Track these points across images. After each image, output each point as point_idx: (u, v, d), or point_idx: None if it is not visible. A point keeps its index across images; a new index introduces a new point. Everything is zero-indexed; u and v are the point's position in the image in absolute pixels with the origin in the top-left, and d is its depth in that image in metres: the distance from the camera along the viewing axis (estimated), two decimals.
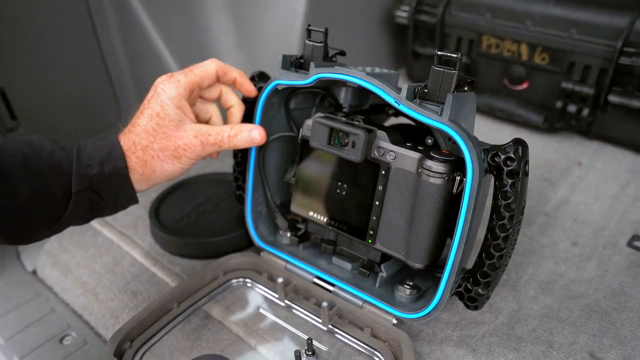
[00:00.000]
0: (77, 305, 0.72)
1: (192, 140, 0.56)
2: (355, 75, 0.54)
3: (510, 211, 0.50)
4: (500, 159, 0.50)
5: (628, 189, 0.86)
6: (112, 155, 0.55)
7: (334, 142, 0.58)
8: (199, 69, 0.59)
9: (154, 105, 0.56)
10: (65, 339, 0.67)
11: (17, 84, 0.83)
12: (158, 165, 0.56)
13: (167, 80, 0.57)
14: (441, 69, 0.50)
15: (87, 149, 0.55)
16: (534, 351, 0.58)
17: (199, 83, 0.59)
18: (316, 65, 0.57)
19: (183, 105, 0.57)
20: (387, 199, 0.57)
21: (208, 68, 0.59)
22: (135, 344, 0.58)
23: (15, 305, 0.72)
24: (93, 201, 0.55)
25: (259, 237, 0.70)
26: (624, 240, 0.75)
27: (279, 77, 0.60)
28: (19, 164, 0.51)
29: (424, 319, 0.56)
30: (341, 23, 1.14)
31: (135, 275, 0.73)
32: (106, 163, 0.54)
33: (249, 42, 1.09)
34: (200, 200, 0.81)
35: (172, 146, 0.56)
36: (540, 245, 0.75)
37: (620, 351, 0.58)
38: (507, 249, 0.52)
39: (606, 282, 0.68)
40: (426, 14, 1.11)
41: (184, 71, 0.58)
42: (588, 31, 0.90)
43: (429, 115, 0.50)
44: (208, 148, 0.57)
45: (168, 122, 0.56)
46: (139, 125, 0.56)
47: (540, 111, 1.01)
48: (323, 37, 0.59)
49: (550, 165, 0.93)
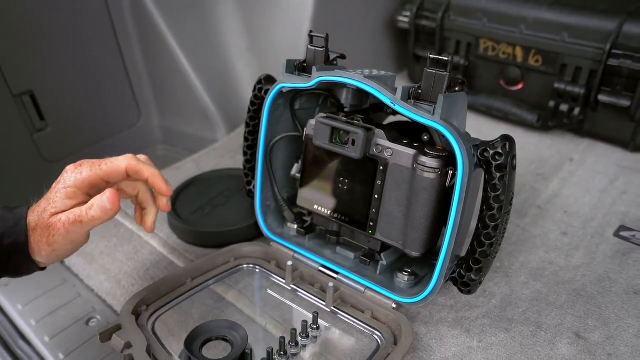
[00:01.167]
0: (101, 290, 0.74)
1: (58, 224, 0.52)
2: (354, 77, 0.56)
3: (499, 202, 0.53)
4: (489, 154, 0.52)
5: (616, 183, 0.87)
6: (15, 229, 0.52)
7: (335, 141, 0.60)
8: (108, 165, 0.55)
9: (52, 191, 0.54)
10: (90, 321, 0.70)
11: (45, 87, 0.87)
12: (37, 249, 0.53)
13: (72, 169, 0.55)
14: (433, 71, 0.52)
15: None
16: (524, 331, 0.61)
17: (103, 178, 0.55)
18: (318, 69, 0.59)
19: (77, 195, 0.54)
20: (385, 193, 0.59)
21: (117, 165, 0.55)
22: (150, 309, 0.61)
23: (45, 290, 0.75)
24: None
25: (268, 229, 0.72)
26: (611, 230, 0.77)
27: (283, 80, 0.62)
28: None
29: (421, 303, 0.58)
30: (346, 28, 1.16)
31: (154, 262, 0.75)
32: (6, 237, 0.52)
33: (259, 46, 1.11)
34: (214, 194, 0.83)
35: (47, 232, 0.52)
36: (532, 235, 0.77)
37: (604, 331, 0.60)
38: (496, 237, 0.55)
39: (593, 269, 0.70)
40: (426, 18, 1.13)
41: (93, 164, 0.55)
42: (579, 34, 0.91)
43: (422, 114, 0.52)
44: (72, 229, 0.52)
45: (51, 208, 0.53)
46: (39, 205, 0.54)
47: (535, 110, 1.03)
48: (324, 43, 0.61)
49: (544, 161, 0.95)
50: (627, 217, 0.79)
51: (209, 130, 1.10)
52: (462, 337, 0.60)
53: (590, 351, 0.58)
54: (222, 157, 1.01)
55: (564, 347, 0.58)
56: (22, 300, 0.73)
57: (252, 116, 0.72)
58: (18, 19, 0.81)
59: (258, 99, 0.70)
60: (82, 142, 1.00)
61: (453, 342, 0.60)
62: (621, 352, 0.57)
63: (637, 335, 0.59)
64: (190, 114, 1.12)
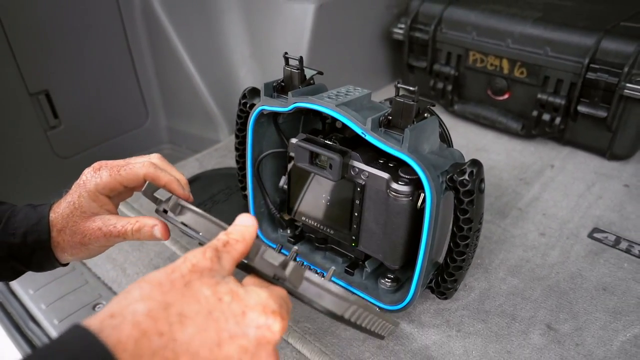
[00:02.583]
0: (107, 278, 0.76)
1: (97, 231, 0.52)
2: (327, 106, 0.55)
3: (468, 223, 0.54)
4: (457, 180, 0.53)
5: (593, 188, 0.90)
6: (37, 227, 0.53)
7: (314, 163, 0.60)
8: (127, 171, 0.54)
9: (74, 194, 0.54)
10: (97, 307, 0.71)
11: (59, 86, 0.89)
12: (67, 248, 0.54)
13: (91, 172, 0.54)
14: (402, 101, 0.53)
15: (17, 217, 0.53)
16: (499, 322, 0.63)
17: (122, 183, 0.54)
18: (293, 94, 0.59)
19: (100, 199, 0.54)
20: (364, 211, 0.60)
21: (135, 173, 0.54)
22: None
23: (55, 277, 0.76)
24: (14, 268, 0.54)
25: (263, 234, 0.74)
26: (586, 232, 0.79)
27: (263, 103, 0.62)
28: None
29: (402, 310, 0.61)
30: (344, 38, 1.19)
31: (158, 252, 0.78)
32: (29, 234, 0.52)
33: (261, 53, 1.13)
34: (215, 191, 0.86)
35: (80, 233, 0.53)
36: (512, 235, 0.79)
37: (573, 323, 0.63)
38: (467, 253, 0.57)
39: (566, 267, 0.72)
40: (420, 31, 1.15)
41: (112, 168, 0.54)
42: (560, 49, 0.94)
43: (391, 145, 0.52)
44: (112, 239, 0.53)
45: (80, 213, 0.53)
46: (60, 206, 0.54)
47: (519, 119, 1.05)
48: (299, 65, 0.62)
49: (526, 167, 0.98)
50: (601, 220, 0.82)
51: (212, 131, 1.12)
52: (442, 327, 0.63)
53: (559, 341, 0.60)
54: (224, 156, 1.04)
55: (535, 337, 0.61)
56: (33, 286, 0.75)
57: (239, 128, 0.71)
58: (36, 23, 0.84)
59: (244, 113, 0.69)
60: (92, 140, 1.02)
61: (433, 331, 0.62)
62: (588, 343, 0.60)
63: (603, 327, 0.62)
64: (195, 116, 1.14)
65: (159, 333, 0.30)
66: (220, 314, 0.33)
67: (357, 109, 0.56)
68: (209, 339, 0.31)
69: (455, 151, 0.60)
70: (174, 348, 0.30)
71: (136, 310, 0.30)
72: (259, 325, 0.33)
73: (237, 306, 0.33)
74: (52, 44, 0.87)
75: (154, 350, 0.29)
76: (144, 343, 0.29)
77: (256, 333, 0.33)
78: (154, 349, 0.29)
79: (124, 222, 0.53)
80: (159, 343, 0.30)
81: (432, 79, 1.16)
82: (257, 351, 0.33)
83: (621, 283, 0.69)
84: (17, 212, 0.53)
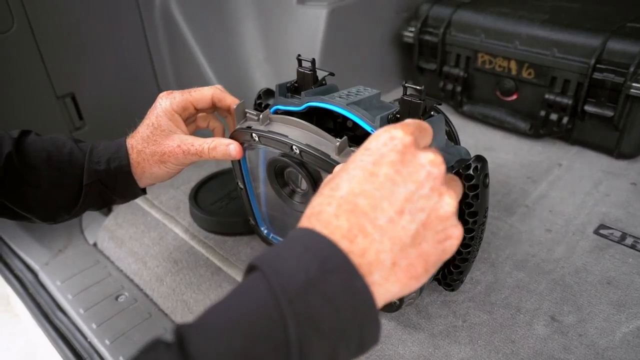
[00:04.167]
0: (129, 271, 0.79)
1: (176, 149, 0.58)
2: (337, 105, 0.57)
3: (473, 216, 0.55)
4: (462, 175, 0.54)
5: (600, 186, 0.91)
6: (118, 154, 0.58)
7: None
8: (197, 92, 0.61)
9: (151, 117, 0.59)
10: (119, 297, 0.74)
11: (85, 89, 0.92)
12: (147, 167, 0.59)
13: (165, 96, 0.60)
14: (409, 99, 0.54)
15: (99, 148, 0.59)
16: (504, 314, 0.65)
17: (193, 103, 0.61)
18: (306, 94, 0.61)
19: (175, 118, 0.59)
20: None
21: (205, 93, 0.61)
22: None
23: (80, 270, 0.80)
24: (102, 192, 0.59)
25: (270, 234, 0.75)
26: (592, 228, 0.80)
27: (277, 103, 0.64)
28: (43, 159, 0.56)
29: (412, 301, 0.62)
30: (356, 41, 1.21)
31: (177, 247, 0.80)
32: (112, 161, 0.58)
33: (275, 57, 1.16)
34: (231, 188, 0.88)
35: (159, 152, 0.58)
36: (519, 231, 0.81)
37: (577, 315, 0.64)
38: (472, 246, 0.58)
39: (572, 262, 0.73)
40: (429, 34, 1.17)
41: (183, 91, 0.61)
42: (567, 50, 0.95)
43: None
44: (189, 157, 0.58)
45: (160, 131, 0.58)
46: (138, 132, 0.59)
47: (527, 119, 1.06)
48: (311, 66, 0.64)
49: (534, 165, 0.99)
50: (607, 217, 0.82)
51: (228, 132, 1.15)
52: (448, 318, 0.64)
53: (563, 332, 0.61)
54: None
55: (539, 328, 0.62)
56: (61, 278, 0.78)
57: None
58: (63, 29, 0.87)
59: None
60: None
61: (440, 321, 0.64)
62: (590, 334, 0.61)
63: (606, 319, 0.63)
64: None
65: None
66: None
67: (367, 108, 0.58)
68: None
69: (462, 148, 0.62)
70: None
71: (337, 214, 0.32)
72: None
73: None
74: (78, 49, 0.90)
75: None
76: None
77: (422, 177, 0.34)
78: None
79: (201, 141, 0.58)
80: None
81: (441, 80, 1.18)
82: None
83: (625, 277, 0.70)
84: (97, 144, 0.59)
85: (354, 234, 0.31)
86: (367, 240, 0.31)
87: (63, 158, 0.57)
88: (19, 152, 0.56)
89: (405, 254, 0.31)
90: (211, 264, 0.76)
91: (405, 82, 0.56)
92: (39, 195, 0.57)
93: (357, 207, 0.32)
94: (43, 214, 0.59)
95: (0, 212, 0.58)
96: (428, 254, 0.32)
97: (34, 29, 0.83)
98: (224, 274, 0.74)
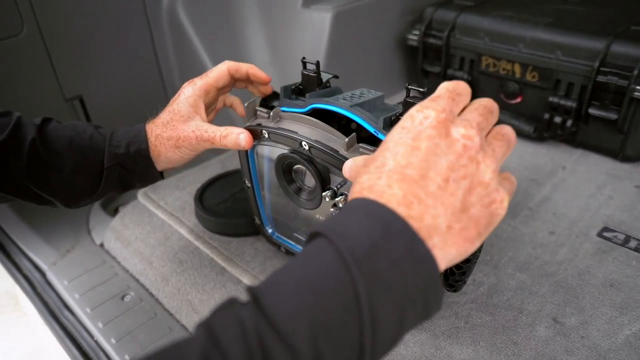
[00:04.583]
0: (135, 271, 0.79)
1: (190, 134, 0.60)
2: (341, 106, 0.57)
3: None
4: None
5: (604, 189, 0.91)
6: (137, 138, 0.60)
7: None
8: (213, 72, 0.63)
9: (174, 103, 0.62)
10: (125, 297, 0.75)
11: (92, 92, 0.94)
12: (163, 151, 0.61)
13: (187, 84, 0.63)
14: (412, 101, 0.54)
15: (118, 133, 0.61)
16: (507, 315, 0.65)
17: (213, 85, 0.63)
18: (310, 96, 0.61)
19: (197, 104, 0.61)
20: None
21: (220, 69, 0.64)
22: None
23: (87, 270, 0.81)
24: (122, 175, 0.61)
25: (274, 233, 0.75)
26: (595, 231, 0.80)
27: (282, 105, 0.65)
28: (66, 144, 0.58)
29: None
30: (360, 44, 1.21)
31: (182, 247, 0.81)
32: (131, 144, 0.60)
33: (281, 60, 1.16)
34: (236, 189, 0.89)
35: (175, 137, 0.60)
36: (522, 234, 0.81)
37: (579, 318, 0.64)
38: None
39: (575, 264, 0.73)
40: (433, 37, 1.17)
41: (202, 76, 0.63)
42: (571, 53, 0.95)
43: None
44: (202, 143, 0.60)
45: (179, 117, 0.60)
46: (160, 118, 0.62)
47: (531, 122, 1.06)
48: (316, 69, 0.64)
49: (538, 168, 0.99)
50: (611, 219, 0.82)
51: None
52: (450, 319, 0.64)
53: (565, 334, 0.61)
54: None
55: (541, 330, 0.62)
56: (68, 277, 0.79)
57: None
58: (72, 33, 0.89)
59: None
60: None
61: (442, 322, 0.64)
62: (593, 335, 0.61)
63: (608, 321, 0.63)
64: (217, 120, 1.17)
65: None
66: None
67: (371, 110, 0.58)
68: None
69: None
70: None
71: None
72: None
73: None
74: (86, 52, 0.91)
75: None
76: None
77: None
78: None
79: (215, 128, 0.60)
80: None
81: None
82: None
83: (629, 280, 0.69)
84: (117, 129, 0.61)
85: (409, 201, 0.32)
86: (422, 206, 0.32)
87: (84, 143, 0.59)
88: (42, 138, 0.58)
89: (457, 217, 0.33)
90: (216, 265, 0.77)
91: (408, 84, 0.56)
92: (63, 179, 0.59)
93: (407, 176, 0.33)
94: (66, 198, 0.61)
95: (26, 197, 0.60)
96: (478, 217, 0.34)
97: (44, 33, 0.84)
98: (228, 274, 0.75)
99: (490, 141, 0.37)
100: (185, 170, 1.00)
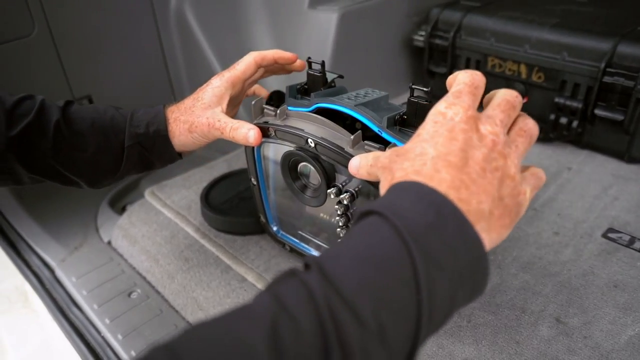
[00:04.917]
0: (142, 268, 0.80)
1: (204, 120, 0.60)
2: (345, 106, 0.58)
3: None
4: None
5: (610, 190, 0.90)
6: (156, 119, 0.61)
7: None
8: (240, 64, 0.65)
9: (200, 92, 0.63)
10: (132, 294, 0.76)
11: (101, 92, 0.95)
12: (177, 134, 0.62)
13: (215, 77, 0.64)
14: (416, 101, 0.54)
15: (139, 114, 0.62)
16: (509, 315, 0.65)
17: (240, 76, 0.64)
18: (315, 95, 0.62)
19: (222, 95, 0.62)
20: None
21: (247, 60, 0.65)
22: None
23: (95, 267, 0.82)
24: (142, 155, 0.62)
25: (279, 231, 0.76)
26: (600, 232, 0.80)
27: (288, 104, 0.65)
28: (88, 125, 0.60)
29: None
30: (366, 44, 1.22)
31: (188, 245, 0.82)
32: (151, 125, 0.61)
33: None
34: (242, 188, 0.89)
35: (190, 122, 0.61)
36: (526, 234, 0.80)
37: (582, 318, 0.64)
38: None
39: (579, 265, 0.73)
40: (439, 38, 1.17)
41: (229, 68, 0.65)
42: (577, 54, 0.95)
43: (407, 142, 0.54)
44: (212, 131, 0.61)
45: (200, 103, 0.62)
46: (183, 103, 0.63)
47: (537, 123, 1.05)
48: (321, 68, 0.65)
49: (544, 169, 0.96)
50: (617, 220, 0.82)
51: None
52: (453, 318, 0.65)
53: (567, 334, 0.61)
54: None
55: (544, 330, 0.62)
56: (76, 274, 0.81)
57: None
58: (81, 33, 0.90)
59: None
60: None
61: None
62: (595, 336, 0.61)
63: (612, 322, 0.63)
64: None
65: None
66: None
67: (375, 110, 0.59)
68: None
69: None
70: None
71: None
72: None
73: None
74: (95, 53, 0.93)
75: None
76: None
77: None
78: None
79: (227, 120, 0.61)
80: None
81: None
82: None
83: (633, 281, 0.69)
84: (137, 110, 0.63)
85: (457, 185, 0.34)
86: (469, 191, 0.34)
87: (106, 124, 0.61)
88: (66, 120, 0.60)
89: (496, 204, 0.35)
90: (221, 262, 0.78)
91: (412, 84, 0.56)
92: (86, 159, 0.61)
93: (451, 163, 0.35)
94: (90, 178, 0.63)
95: (53, 177, 0.62)
96: (510, 206, 0.36)
97: (54, 34, 0.86)
98: (233, 272, 0.76)
99: (513, 138, 0.39)
100: (192, 170, 1.01)
